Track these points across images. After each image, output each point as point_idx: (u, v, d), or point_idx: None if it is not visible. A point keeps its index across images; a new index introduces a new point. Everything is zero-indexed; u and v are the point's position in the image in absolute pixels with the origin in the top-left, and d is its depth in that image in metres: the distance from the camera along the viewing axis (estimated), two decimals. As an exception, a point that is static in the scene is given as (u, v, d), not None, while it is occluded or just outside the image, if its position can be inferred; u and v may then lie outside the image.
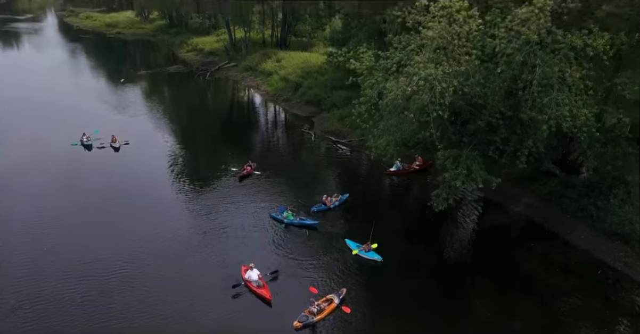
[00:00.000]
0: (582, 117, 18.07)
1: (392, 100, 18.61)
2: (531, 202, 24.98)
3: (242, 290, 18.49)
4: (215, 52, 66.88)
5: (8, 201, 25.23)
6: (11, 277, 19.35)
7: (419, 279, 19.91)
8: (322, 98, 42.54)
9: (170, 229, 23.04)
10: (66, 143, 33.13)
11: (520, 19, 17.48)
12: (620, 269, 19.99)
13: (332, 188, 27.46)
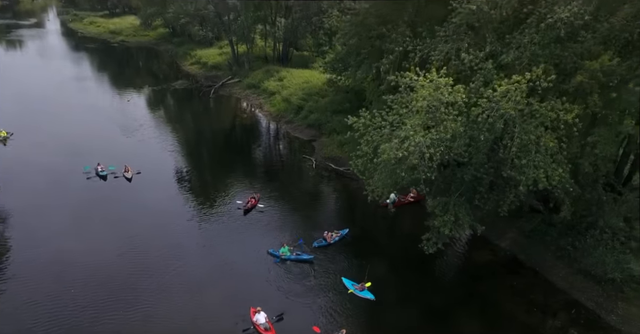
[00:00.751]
0: (557, 177, 20.14)
1: (386, 161, 20.66)
2: (516, 238, 27.12)
3: (251, 331, 20.62)
4: (218, 66, 68.83)
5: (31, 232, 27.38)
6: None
7: (410, 318, 22.06)
8: (323, 123, 44.53)
9: (180, 263, 25.23)
10: (79, 171, 35.36)
11: (500, 92, 19.51)
12: (592, 308, 22.15)
13: (332, 221, 29.59)
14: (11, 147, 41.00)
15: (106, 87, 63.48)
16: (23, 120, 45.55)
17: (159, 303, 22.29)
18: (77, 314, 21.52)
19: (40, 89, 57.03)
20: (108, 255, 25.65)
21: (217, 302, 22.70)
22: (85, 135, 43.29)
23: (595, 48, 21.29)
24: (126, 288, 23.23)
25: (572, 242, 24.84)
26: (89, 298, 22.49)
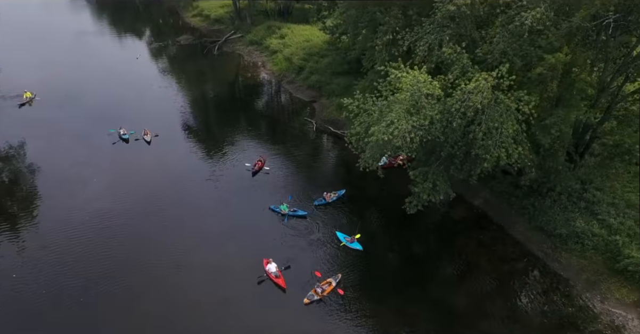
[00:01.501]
0: (516, 155, 24.41)
1: (375, 141, 24.80)
2: (487, 197, 31.79)
3: (264, 278, 25.82)
4: (220, 19, 70.74)
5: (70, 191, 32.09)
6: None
7: (393, 265, 27.34)
8: (323, 85, 47.81)
9: (199, 219, 30.12)
10: (100, 132, 39.58)
11: (471, 86, 23.31)
12: (541, 257, 27.22)
13: (331, 182, 34.14)
14: (37, 107, 44.94)
15: (115, 43, 66.04)
16: (41, 81, 48.92)
17: (183, 256, 27.23)
18: (109, 265, 26.46)
19: (49, 49, 59.75)
20: (134, 213, 30.59)
21: (234, 254, 27.65)
22: (103, 96, 46.94)
23: (556, 43, 24.72)
24: (154, 242, 28.18)
25: (533, 202, 29.51)
26: (119, 251, 27.43)
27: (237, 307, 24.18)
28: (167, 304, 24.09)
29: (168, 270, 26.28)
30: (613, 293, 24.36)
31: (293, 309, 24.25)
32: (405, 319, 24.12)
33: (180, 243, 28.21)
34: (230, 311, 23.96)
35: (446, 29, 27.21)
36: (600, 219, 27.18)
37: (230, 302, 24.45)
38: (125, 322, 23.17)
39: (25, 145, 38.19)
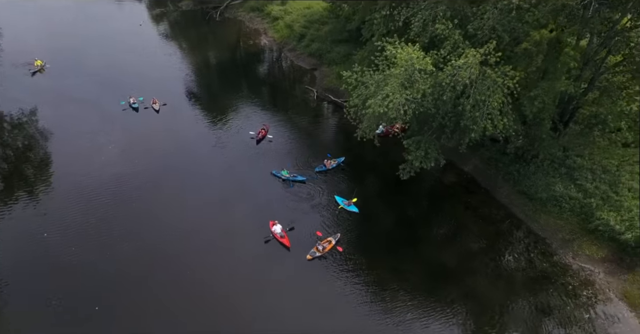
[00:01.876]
0: (501, 125, 26.51)
1: (372, 113, 26.83)
2: (477, 164, 34.10)
3: (270, 238, 28.47)
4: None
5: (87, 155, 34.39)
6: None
7: (387, 226, 29.91)
8: (323, 53, 49.17)
9: (209, 184, 32.52)
10: (111, 101, 41.49)
11: (460, 63, 25.12)
12: (522, 219, 29.83)
13: (331, 149, 36.32)
14: (48, 76, 46.56)
15: (116, 9, 66.51)
16: (49, 49, 50.23)
17: (195, 217, 29.76)
18: (129, 224, 29.11)
19: (51, 16, 60.49)
20: (148, 178, 32.92)
21: (242, 216, 30.21)
22: (110, 64, 48.40)
23: (543, 19, 26.30)
24: (167, 205, 30.61)
25: (518, 168, 31.85)
26: (137, 212, 29.99)
27: (247, 263, 26.91)
28: (181, 261, 26.78)
29: (181, 230, 28.82)
30: (584, 250, 27.07)
31: (297, 264, 27.01)
32: (398, 275, 26.91)
33: (192, 206, 30.71)
34: (240, 267, 26.70)
35: (440, 4, 28.67)
36: (578, 184, 29.57)
37: (239, 259, 27.16)
38: (144, 273, 25.89)
39: (42, 112, 39.97)
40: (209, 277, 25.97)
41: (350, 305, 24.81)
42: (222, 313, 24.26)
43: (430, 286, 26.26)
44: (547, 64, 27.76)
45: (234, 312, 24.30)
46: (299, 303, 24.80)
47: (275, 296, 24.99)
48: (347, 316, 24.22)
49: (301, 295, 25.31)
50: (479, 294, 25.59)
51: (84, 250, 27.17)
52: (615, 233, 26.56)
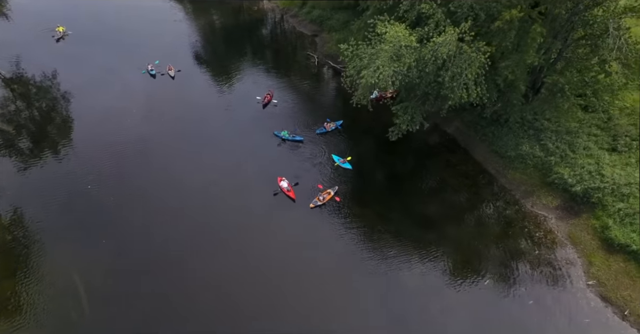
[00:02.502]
0: (474, 94, 30.92)
1: (365, 83, 31.18)
2: (458, 126, 38.66)
3: (278, 192, 33.52)
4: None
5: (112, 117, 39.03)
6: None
7: (377, 181, 34.86)
8: (324, 19, 52.61)
9: (223, 145, 37.30)
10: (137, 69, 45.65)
11: (440, 40, 29.24)
12: (493, 174, 34.72)
13: (330, 113, 40.79)
14: (71, 42, 50.33)
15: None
16: (67, 16, 53.71)
17: (212, 173, 34.66)
18: (159, 178, 34.13)
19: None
20: (169, 139, 37.70)
21: (253, 173, 35.12)
22: (124, 29, 52.24)
23: (515, 0, 30.13)
24: (187, 163, 35.42)
25: (493, 130, 36.41)
26: (164, 168, 34.91)
27: (259, 212, 32.10)
28: (202, 210, 31.96)
29: (201, 185, 33.81)
30: (541, 200, 32.15)
31: (301, 212, 32.18)
32: (386, 221, 32.10)
33: (208, 163, 35.64)
34: (253, 215, 31.89)
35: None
36: (542, 144, 34.20)
37: (253, 209, 32.32)
38: (171, 219, 31.12)
39: (70, 78, 44.21)
40: (229, 221, 31.25)
41: (345, 243, 30.17)
42: (240, 248, 29.59)
43: (412, 230, 31.47)
44: (518, 39, 31.73)
45: (250, 249, 29.59)
46: (303, 242, 30.15)
47: (284, 237, 30.34)
48: (342, 251, 29.63)
49: (305, 236, 30.66)
50: (453, 236, 30.86)
51: (121, 199, 32.34)
52: (567, 185, 31.50)
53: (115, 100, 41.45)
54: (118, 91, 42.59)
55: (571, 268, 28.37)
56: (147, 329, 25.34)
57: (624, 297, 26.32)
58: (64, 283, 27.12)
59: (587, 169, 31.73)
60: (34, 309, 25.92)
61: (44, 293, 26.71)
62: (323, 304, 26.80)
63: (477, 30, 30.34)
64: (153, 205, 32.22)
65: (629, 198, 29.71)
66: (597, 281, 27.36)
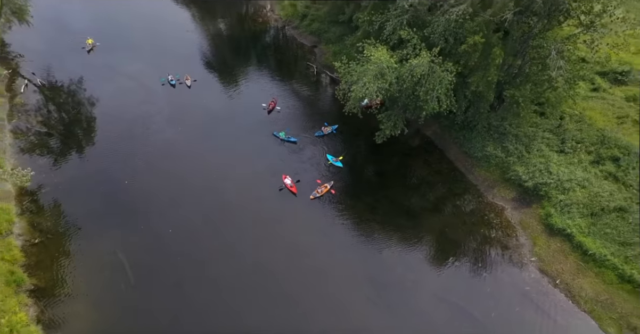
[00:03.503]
0: (445, 106, 37.54)
1: (355, 96, 37.79)
2: (436, 130, 45.27)
3: (283, 187, 40.16)
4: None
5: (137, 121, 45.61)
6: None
7: (364, 176, 41.75)
8: (322, 32, 59.01)
9: (235, 145, 43.73)
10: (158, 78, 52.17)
11: (416, 62, 35.84)
12: (462, 171, 41.44)
13: (327, 118, 47.39)
14: (99, 53, 56.79)
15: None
16: (93, 28, 60.12)
17: (226, 169, 41.26)
18: (181, 174, 40.78)
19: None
20: (189, 141, 43.93)
21: (261, 171, 41.64)
22: (145, 41, 58.46)
23: (477, 28, 36.61)
24: (205, 162, 41.92)
25: (464, 134, 43.04)
26: (186, 167, 41.47)
27: (267, 203, 38.71)
28: (218, 201, 38.59)
29: (217, 179, 40.46)
30: (500, 193, 38.89)
31: (302, 203, 38.84)
32: (373, 210, 38.81)
33: (223, 162, 42.22)
34: (263, 206, 38.41)
35: (406, 13, 38.86)
36: (504, 146, 40.81)
37: (262, 201, 38.90)
38: (194, 207, 37.78)
39: (102, 85, 50.32)
40: (242, 209, 37.93)
41: (338, 229, 36.90)
42: (252, 230, 36.26)
43: (394, 217, 38.17)
44: (481, 59, 38.29)
45: (261, 232, 36.29)
46: (303, 227, 36.95)
47: (288, 223, 37.12)
48: (335, 235, 36.33)
49: (305, 222, 37.45)
50: (427, 223, 37.65)
51: (149, 193, 39.03)
52: (521, 181, 38.20)
53: (142, 106, 48.02)
54: (144, 98, 49.12)
55: (519, 248, 35.20)
56: (180, 291, 32.00)
57: (557, 270, 33.17)
58: (113, 260, 33.78)
59: (538, 167, 38.41)
60: (91, 282, 32.57)
61: (98, 268, 33.39)
62: (318, 274, 33.51)
63: (448, 51, 36.90)
64: (178, 196, 38.84)
65: (569, 191, 36.45)
66: (538, 258, 34.20)
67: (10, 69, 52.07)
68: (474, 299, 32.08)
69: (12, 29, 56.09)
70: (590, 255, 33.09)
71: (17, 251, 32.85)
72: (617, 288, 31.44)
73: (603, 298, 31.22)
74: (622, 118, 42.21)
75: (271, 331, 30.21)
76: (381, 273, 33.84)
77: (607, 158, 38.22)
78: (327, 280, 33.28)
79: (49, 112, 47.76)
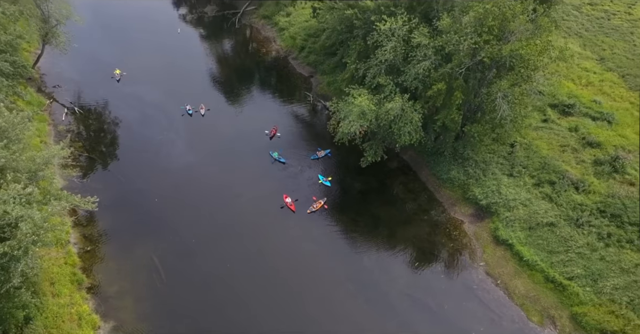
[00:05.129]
0: (414, 139, 46.55)
1: (342, 131, 46.76)
2: (412, 154, 54.21)
3: (284, 205, 49.05)
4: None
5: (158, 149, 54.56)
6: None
7: (349, 194, 50.73)
8: (318, 64, 67.86)
9: (244, 166, 52.89)
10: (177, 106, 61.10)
11: (389, 106, 44.80)
12: (432, 190, 50.41)
13: (321, 143, 56.31)
14: (126, 82, 65.70)
15: (155, 13, 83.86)
16: (116, 58, 69.06)
17: (238, 189, 50.18)
18: (198, 193, 49.89)
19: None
20: (205, 164, 52.88)
21: (265, 190, 50.66)
22: (163, 70, 67.09)
23: (440, 77, 45.53)
24: (220, 181, 50.92)
25: (434, 159, 51.99)
26: (204, 186, 50.65)
27: (270, 217, 47.68)
28: (232, 215, 47.60)
29: (230, 197, 49.49)
30: (460, 209, 47.88)
31: (300, 216, 47.82)
32: (356, 222, 47.90)
33: (234, 181, 51.12)
34: (266, 219, 47.35)
35: (384, 64, 47.77)
36: (465, 170, 49.72)
37: (266, 215, 47.85)
38: (211, 220, 46.76)
39: (131, 113, 59.36)
40: (251, 221, 46.89)
41: (328, 237, 45.85)
42: (260, 238, 45.21)
43: (374, 229, 47.23)
44: (445, 101, 47.16)
45: (265, 239, 45.28)
46: (301, 236, 45.96)
47: (289, 232, 46.13)
48: (325, 243, 45.34)
49: (303, 232, 46.46)
50: (400, 233, 46.68)
51: (176, 205, 48.04)
52: (478, 200, 47.18)
53: (165, 133, 57.03)
54: (166, 126, 58.09)
55: (472, 254, 44.26)
56: (202, 287, 40.92)
57: (499, 272, 42.23)
58: (148, 262, 42.77)
59: (491, 189, 47.42)
60: (133, 280, 41.57)
61: (137, 270, 42.37)
62: (312, 273, 42.56)
63: (419, 94, 45.88)
64: (199, 211, 47.82)
65: (514, 209, 45.46)
66: (485, 262, 43.25)
67: (51, 99, 60.93)
68: (432, 294, 41.15)
69: (49, 60, 64.92)
70: (525, 260, 42.13)
71: (76, 257, 41.86)
72: (543, 287, 40.48)
73: (531, 294, 40.27)
74: (564, 147, 51.07)
75: (270, 312, 39.16)
76: (361, 274, 42.85)
77: (546, 181, 47.17)
78: (319, 278, 42.38)
79: (87, 138, 56.70)
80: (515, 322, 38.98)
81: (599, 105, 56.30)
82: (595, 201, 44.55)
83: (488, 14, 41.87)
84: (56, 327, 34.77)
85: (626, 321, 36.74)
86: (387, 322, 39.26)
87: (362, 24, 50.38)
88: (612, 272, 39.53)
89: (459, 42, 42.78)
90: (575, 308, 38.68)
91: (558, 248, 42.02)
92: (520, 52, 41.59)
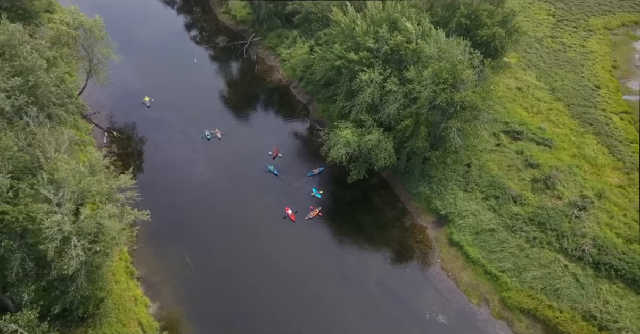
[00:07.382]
0: (389, 162, 59.32)
1: (332, 156, 59.51)
2: (389, 173, 66.90)
3: (286, 216, 61.75)
4: (244, 20, 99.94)
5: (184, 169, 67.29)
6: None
7: (337, 205, 63.52)
8: (315, 93, 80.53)
9: (252, 184, 65.61)
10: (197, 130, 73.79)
11: (368, 137, 57.65)
12: (404, 202, 63.21)
13: (316, 162, 69.02)
14: (154, 109, 78.38)
15: (174, 43, 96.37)
16: (137, 86, 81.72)
17: (249, 202, 63.07)
18: (215, 208, 62.69)
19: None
20: (221, 181, 65.85)
21: (270, 203, 63.40)
22: (184, 98, 79.83)
23: (408, 115, 58.27)
24: (235, 196, 63.84)
25: (406, 177, 64.76)
26: (218, 202, 63.44)
27: (275, 225, 60.38)
28: (245, 222, 60.32)
29: (242, 206, 62.25)
30: (425, 218, 60.68)
31: (300, 224, 60.57)
32: (344, 228, 60.68)
33: (245, 195, 63.93)
34: (271, 227, 60.06)
35: (365, 103, 60.54)
36: (430, 186, 62.45)
37: (271, 224, 60.53)
38: (227, 227, 59.54)
39: (158, 136, 72.37)
40: (254, 230, 59.66)
41: (324, 238, 58.67)
42: (265, 240, 57.98)
43: (357, 233, 60.02)
44: (413, 133, 59.90)
45: (270, 241, 58.01)
46: (301, 239, 58.72)
47: (291, 236, 58.90)
48: (319, 243, 58.16)
49: (303, 236, 59.21)
50: (376, 236, 59.47)
51: (199, 216, 60.77)
52: (438, 210, 59.94)
53: (188, 153, 69.90)
54: (190, 148, 70.95)
55: (432, 253, 57.15)
56: (224, 279, 53.73)
57: (451, 267, 55.10)
58: (182, 260, 55.56)
59: (449, 201, 60.22)
60: (170, 272, 54.35)
61: (173, 264, 55.13)
62: (308, 268, 55.37)
63: (392, 127, 58.77)
64: (218, 219, 60.64)
65: (465, 218, 58.28)
66: (441, 260, 56.11)
67: (93, 124, 73.71)
68: (400, 284, 54.01)
69: (87, 88, 77.55)
70: (470, 258, 54.99)
71: (127, 254, 54.70)
72: (482, 277, 53.37)
73: (473, 283, 53.17)
74: (510, 167, 63.84)
75: (276, 295, 51.95)
76: (346, 268, 55.69)
77: (492, 196, 59.99)
78: (313, 270, 55.26)
79: (125, 159, 69.48)
80: (459, 304, 51.87)
81: (543, 131, 69.03)
82: (528, 212, 57.37)
83: (442, 70, 54.62)
84: (121, 305, 47.69)
85: (539, 302, 49.72)
86: (364, 304, 52.08)
87: (348, 72, 63.07)
88: (533, 266, 52.38)
89: (421, 91, 55.58)
90: (504, 293, 51.57)
91: (496, 248, 54.86)
92: (467, 99, 54.29)
